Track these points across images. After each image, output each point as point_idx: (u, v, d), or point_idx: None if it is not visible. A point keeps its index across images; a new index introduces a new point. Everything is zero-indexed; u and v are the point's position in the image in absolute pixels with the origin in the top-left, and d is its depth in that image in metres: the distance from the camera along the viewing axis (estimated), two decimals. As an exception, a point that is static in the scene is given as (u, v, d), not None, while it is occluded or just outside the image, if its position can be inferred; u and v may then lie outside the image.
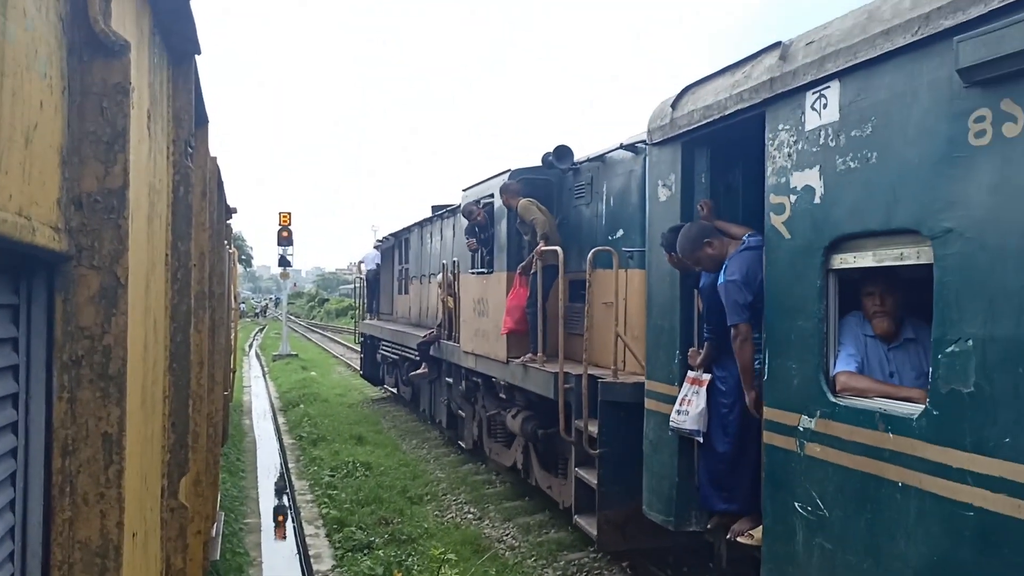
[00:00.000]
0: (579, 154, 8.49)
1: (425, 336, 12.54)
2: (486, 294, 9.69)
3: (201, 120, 4.44)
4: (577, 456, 7.32)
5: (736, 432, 4.93)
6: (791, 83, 4.15)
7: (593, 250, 7.13)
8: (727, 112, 4.71)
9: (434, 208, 13.64)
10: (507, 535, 8.64)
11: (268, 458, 13.70)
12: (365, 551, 8.06)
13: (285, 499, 11.07)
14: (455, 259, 11.42)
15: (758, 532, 4.53)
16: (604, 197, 7.93)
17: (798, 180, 4.10)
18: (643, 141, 6.25)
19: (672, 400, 5.29)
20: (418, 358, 12.92)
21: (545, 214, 8.34)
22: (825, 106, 3.92)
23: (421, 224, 14.68)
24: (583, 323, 7.18)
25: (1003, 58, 2.84)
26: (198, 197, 4.24)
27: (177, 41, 3.26)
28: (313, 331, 55.20)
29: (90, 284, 1.76)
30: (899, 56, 3.45)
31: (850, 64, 3.72)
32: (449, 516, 9.44)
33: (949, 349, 3.17)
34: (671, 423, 5.24)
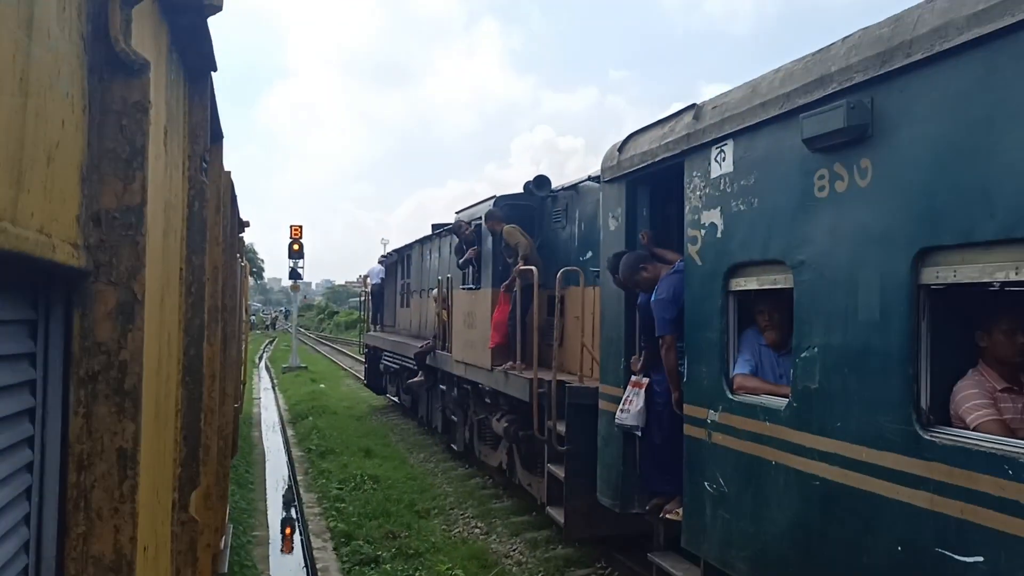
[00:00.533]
0: (557, 183, 9.59)
1: (421, 347, 13.36)
2: (474, 308, 10.62)
3: (216, 136, 4.49)
4: (549, 453, 8.17)
5: (668, 426, 5.74)
6: (701, 139, 5.08)
7: (562, 270, 8.06)
8: (658, 159, 5.66)
9: (434, 227, 14.52)
10: (514, 550, 8.60)
11: (277, 470, 13.70)
12: (372, 565, 8.05)
13: (293, 512, 11.06)
14: (448, 275, 12.36)
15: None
16: (577, 222, 8.94)
17: (706, 218, 5.02)
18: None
19: (619, 400, 6.13)
20: (416, 367, 13.84)
21: (526, 237, 9.28)
22: (724, 159, 4.85)
23: (422, 241, 15.50)
24: (554, 334, 8.27)
25: (829, 133, 3.82)
26: (212, 212, 4.27)
27: (193, 58, 3.30)
28: (323, 343, 55.32)
29: (107, 300, 1.77)
30: (771, 124, 4.39)
31: (740, 127, 4.66)
32: (456, 531, 9.41)
33: (803, 355, 4.11)
34: (616, 420, 6.10)
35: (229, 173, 5.75)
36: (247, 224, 9.78)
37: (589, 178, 8.36)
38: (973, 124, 3.20)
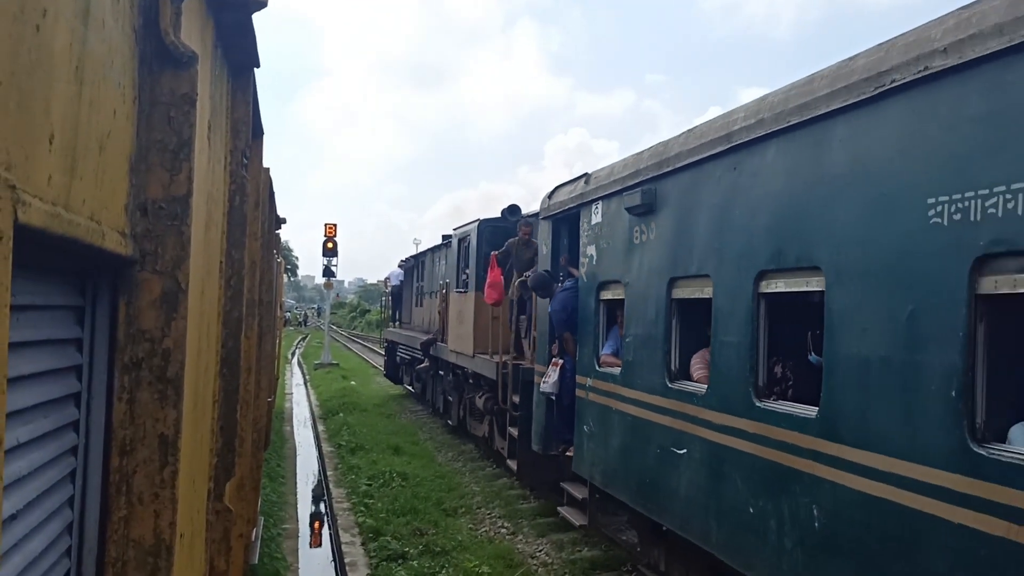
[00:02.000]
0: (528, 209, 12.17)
1: (426, 338, 15.98)
2: (463, 307, 13.13)
3: (257, 132, 4.55)
4: (509, 419, 10.71)
5: (572, 393, 7.95)
6: (587, 198, 7.58)
7: (518, 280, 10.30)
8: (567, 207, 8.14)
9: (443, 236, 16.38)
10: (540, 551, 8.58)
11: (307, 465, 13.84)
12: (400, 561, 8.08)
13: (322, 506, 11.16)
14: (447, 280, 14.94)
15: None
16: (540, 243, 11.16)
17: (588, 250, 7.56)
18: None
19: (553, 367, 8.47)
20: (421, 355, 16.55)
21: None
22: (597, 213, 7.34)
23: (433, 249, 17.67)
24: (512, 325, 10.92)
25: (636, 205, 6.28)
26: (252, 207, 4.33)
27: (237, 55, 3.35)
28: (354, 341, 55.78)
29: (152, 288, 1.80)
30: (615, 195, 6.92)
31: (604, 194, 7.19)
32: (483, 530, 9.41)
33: (627, 340, 6.59)
34: (540, 389, 8.61)
35: (268, 169, 5.82)
36: (283, 221, 9.90)
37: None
38: (689, 208, 5.70)
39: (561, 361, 8.18)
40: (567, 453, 8.10)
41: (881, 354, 3.79)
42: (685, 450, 5.57)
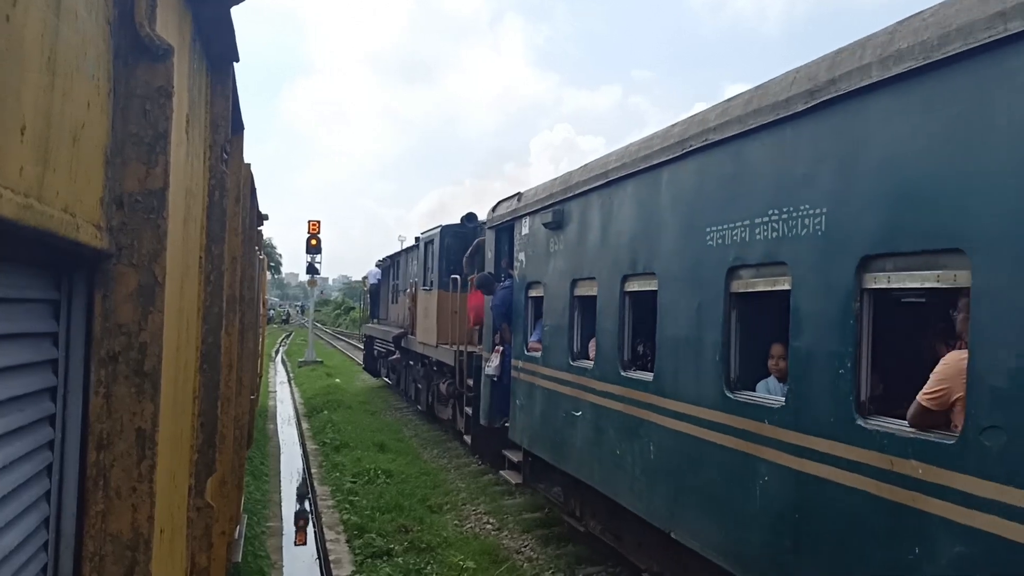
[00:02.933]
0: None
1: (398, 332, 17.74)
2: (429, 303, 14.81)
3: (237, 127, 4.52)
4: (465, 400, 12.32)
5: (510, 374, 9.43)
6: (519, 213, 9.21)
7: (484, 274, 11.42)
8: (506, 220, 9.76)
9: (416, 238, 17.53)
10: (526, 547, 8.61)
11: (291, 463, 13.79)
12: (385, 558, 8.08)
13: (307, 504, 11.13)
14: (416, 279, 16.49)
15: None
16: (485, 248, 12.49)
17: (520, 256, 9.19)
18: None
19: (496, 353, 10.00)
20: (394, 348, 18.41)
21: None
22: (526, 226, 8.96)
23: (407, 250, 19.03)
24: (470, 320, 12.03)
25: (549, 222, 7.83)
26: (232, 202, 4.30)
27: (216, 48, 3.33)
28: (338, 339, 55.54)
29: (129, 282, 1.80)
30: (537, 213, 8.46)
31: (530, 212, 8.78)
32: (468, 526, 9.42)
33: (545, 328, 8.19)
34: (484, 372, 10.26)
35: (249, 165, 5.79)
36: (265, 217, 9.85)
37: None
38: (584, 225, 7.24)
39: (502, 348, 9.74)
40: (506, 424, 9.69)
41: (684, 333, 5.48)
42: (580, 412, 7.29)
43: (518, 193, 9.56)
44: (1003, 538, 3.07)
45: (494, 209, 10.46)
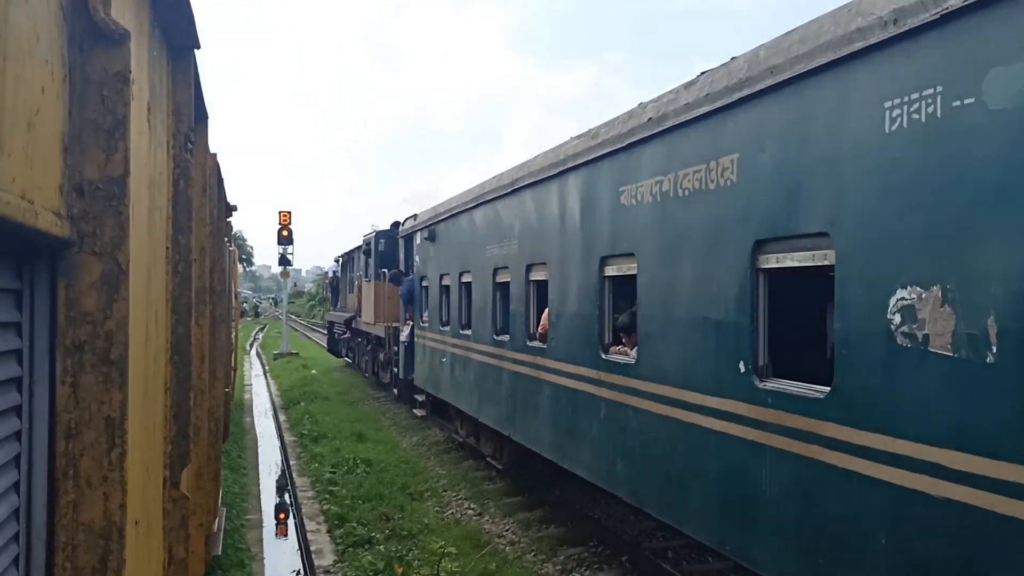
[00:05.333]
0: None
1: (348, 316, 22.82)
2: (368, 291, 19.32)
3: (201, 116, 4.46)
4: (393, 363, 16.53)
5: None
6: (414, 228, 13.97)
7: (394, 270, 16.02)
8: (409, 232, 14.49)
9: (363, 238, 21.37)
10: (507, 530, 8.66)
11: (269, 455, 13.72)
12: (366, 546, 8.08)
13: (286, 496, 11.10)
14: (360, 272, 21.42)
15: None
16: (399, 251, 16.80)
17: (416, 258, 13.94)
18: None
19: (406, 327, 14.38)
20: (346, 329, 23.98)
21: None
22: (418, 238, 13.63)
23: (359, 248, 22.65)
24: (396, 304, 16.12)
25: (427, 237, 12.78)
26: (198, 192, 4.26)
27: (176, 35, 3.28)
28: (313, 330, 55.18)
29: (92, 270, 1.78)
30: (423, 229, 13.12)
31: (420, 227, 13.35)
32: (449, 512, 9.46)
33: (428, 308, 13.02)
34: (400, 340, 15.04)
35: (215, 155, 5.72)
36: (234, 208, 9.74)
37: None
38: (447, 239, 11.72)
39: (411, 323, 14.21)
40: (412, 377, 14.09)
41: (480, 307, 9.26)
42: (446, 359, 11.66)
43: (415, 215, 14.14)
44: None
45: (403, 224, 15.37)
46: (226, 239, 8.65)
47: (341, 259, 26.46)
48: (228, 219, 9.39)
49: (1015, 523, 2.97)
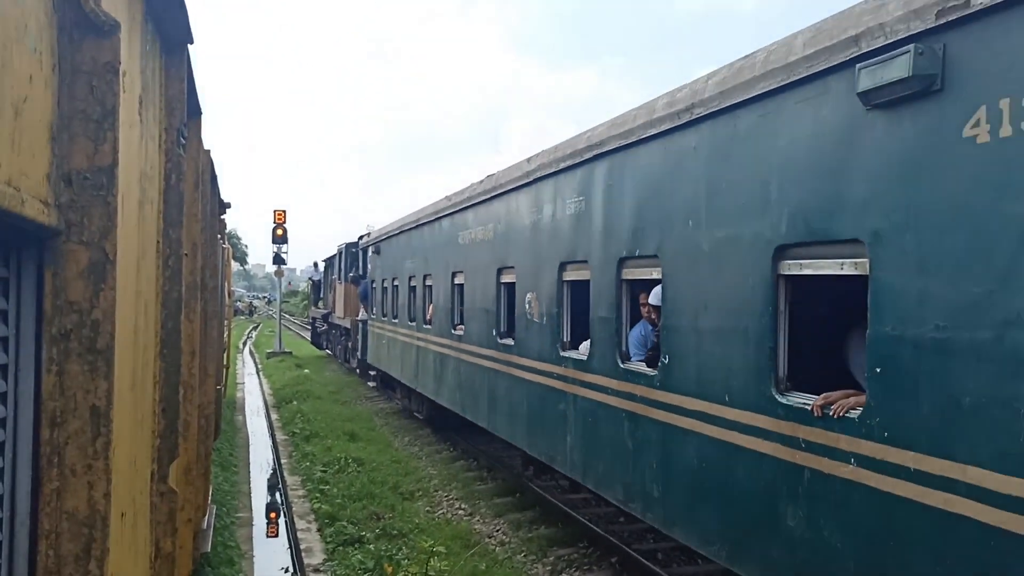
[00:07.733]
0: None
1: (324, 312, 27.97)
2: (340, 291, 23.85)
3: (194, 111, 4.46)
4: (358, 350, 20.58)
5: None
6: (368, 243, 18.73)
7: (353, 274, 21.88)
8: (366, 245, 19.21)
9: (338, 247, 25.28)
10: (498, 530, 8.67)
11: (261, 454, 13.70)
12: (356, 545, 8.08)
13: (277, 494, 11.08)
14: (335, 276, 25.66)
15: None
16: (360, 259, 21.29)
17: (370, 266, 18.65)
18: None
19: (364, 319, 19.27)
20: (324, 323, 28.96)
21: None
22: (370, 251, 18.28)
23: (337, 254, 26.09)
24: (355, 302, 20.87)
25: (375, 252, 17.88)
26: (190, 187, 4.26)
27: (169, 29, 3.29)
28: (307, 329, 55.04)
29: (79, 259, 1.79)
30: (382, 242, 16.95)
31: (371, 243, 18.21)
32: (440, 512, 9.46)
33: (377, 302, 17.60)
34: (360, 323, 20.22)
35: (208, 151, 5.72)
36: (228, 205, 9.73)
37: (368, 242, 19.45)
38: (393, 253, 15.72)
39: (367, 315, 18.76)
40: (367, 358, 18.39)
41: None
42: (385, 340, 16.08)
43: (368, 232, 19.03)
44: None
45: (362, 239, 19.89)
46: (219, 236, 8.64)
47: (324, 263, 30.83)
48: (222, 216, 9.37)
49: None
